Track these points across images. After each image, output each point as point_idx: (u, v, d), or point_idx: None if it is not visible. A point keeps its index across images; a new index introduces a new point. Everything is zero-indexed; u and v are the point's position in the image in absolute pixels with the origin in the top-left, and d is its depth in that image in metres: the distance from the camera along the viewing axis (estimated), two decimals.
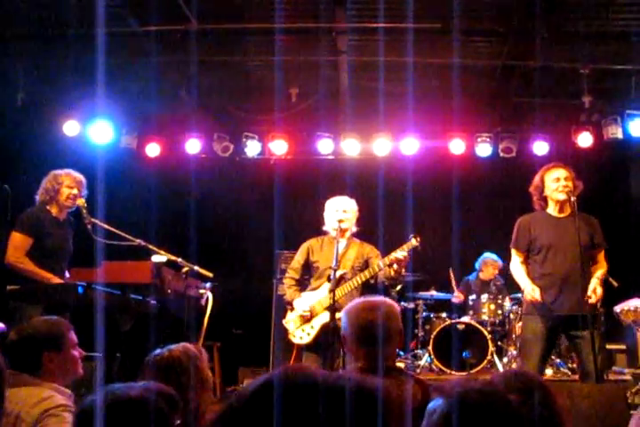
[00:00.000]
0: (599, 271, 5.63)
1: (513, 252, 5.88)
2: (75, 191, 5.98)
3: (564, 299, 5.50)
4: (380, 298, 3.45)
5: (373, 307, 3.24)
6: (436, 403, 1.64)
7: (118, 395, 2.05)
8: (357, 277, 5.92)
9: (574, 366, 8.10)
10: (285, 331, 6.20)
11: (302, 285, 6.32)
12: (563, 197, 5.62)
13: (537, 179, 5.80)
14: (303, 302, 6.07)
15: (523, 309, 6.08)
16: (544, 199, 5.79)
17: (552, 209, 5.77)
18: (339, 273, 5.83)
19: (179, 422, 2.29)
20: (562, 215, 5.73)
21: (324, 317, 5.84)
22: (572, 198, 5.55)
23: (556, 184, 5.66)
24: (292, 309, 6.13)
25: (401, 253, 5.68)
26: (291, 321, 6.11)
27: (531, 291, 5.51)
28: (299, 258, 6.33)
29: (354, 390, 1.25)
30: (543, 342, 5.51)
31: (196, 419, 2.94)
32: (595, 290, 5.41)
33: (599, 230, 5.70)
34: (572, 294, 5.47)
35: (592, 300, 5.37)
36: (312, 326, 5.97)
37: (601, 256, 5.73)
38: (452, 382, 1.67)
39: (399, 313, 3.39)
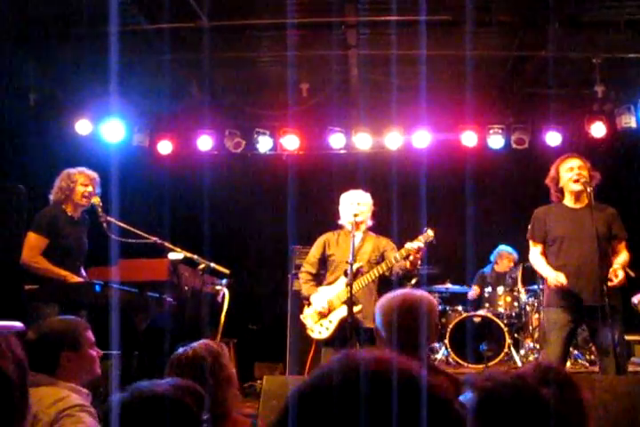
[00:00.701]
0: (621, 257, 5.55)
1: (530, 243, 5.84)
2: (89, 189, 5.99)
3: (582, 290, 5.45)
4: (418, 293, 3.26)
5: (411, 307, 3.09)
6: (466, 397, 1.62)
7: (145, 392, 2.05)
8: (374, 270, 5.90)
9: (592, 357, 8.06)
10: (303, 326, 6.18)
11: (318, 279, 6.30)
12: (577, 187, 5.57)
13: (552, 170, 5.75)
14: (320, 297, 6.05)
15: (543, 300, 6.04)
16: (560, 191, 5.74)
17: (568, 200, 5.72)
18: (356, 266, 5.82)
19: (206, 417, 2.28)
20: (578, 206, 5.67)
21: (342, 311, 5.81)
22: (589, 189, 5.50)
23: (570, 174, 5.61)
24: (309, 304, 6.11)
25: (417, 244, 5.66)
26: (308, 316, 6.09)
27: (555, 277, 5.42)
28: (315, 252, 6.31)
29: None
30: (564, 333, 5.46)
31: (223, 416, 2.94)
32: (615, 273, 5.31)
33: (618, 221, 5.63)
34: (589, 284, 5.42)
35: (613, 282, 5.28)
36: (330, 321, 5.96)
37: (621, 247, 5.64)
38: (482, 375, 1.65)
39: (436, 308, 3.27)
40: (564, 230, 5.62)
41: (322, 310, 5.98)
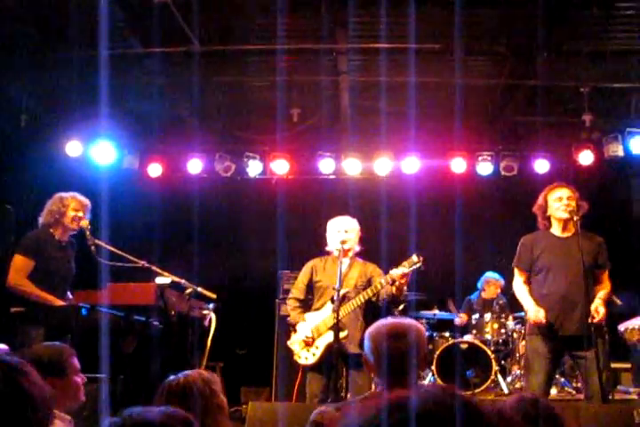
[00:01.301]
0: (602, 292, 5.60)
1: (515, 271, 5.87)
2: (80, 214, 5.98)
3: (567, 320, 5.48)
4: (407, 321, 3.27)
5: (402, 329, 3.11)
6: None
7: (136, 418, 2.04)
8: (360, 295, 5.89)
9: (579, 385, 8.04)
10: (290, 351, 6.15)
11: (306, 304, 6.29)
12: (565, 215, 5.61)
13: (540, 199, 5.79)
14: (306, 325, 6.04)
15: (526, 329, 6.06)
16: (547, 219, 5.77)
17: (556, 229, 5.75)
18: (342, 292, 5.82)
19: None
20: (565, 235, 5.71)
21: (329, 336, 5.79)
22: (575, 218, 5.54)
23: (558, 204, 5.65)
24: (296, 331, 6.11)
25: (402, 270, 5.67)
26: (295, 342, 6.08)
27: (535, 312, 5.49)
28: (302, 278, 6.30)
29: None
30: (547, 361, 5.49)
31: None
32: (597, 309, 5.36)
33: (604, 250, 5.67)
34: (574, 314, 5.46)
35: (595, 319, 5.32)
36: (317, 347, 5.94)
37: (604, 276, 5.70)
38: None
39: (425, 337, 3.28)
40: (551, 260, 5.64)
41: (306, 340, 5.98)
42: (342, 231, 6.12)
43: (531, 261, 5.72)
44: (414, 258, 5.74)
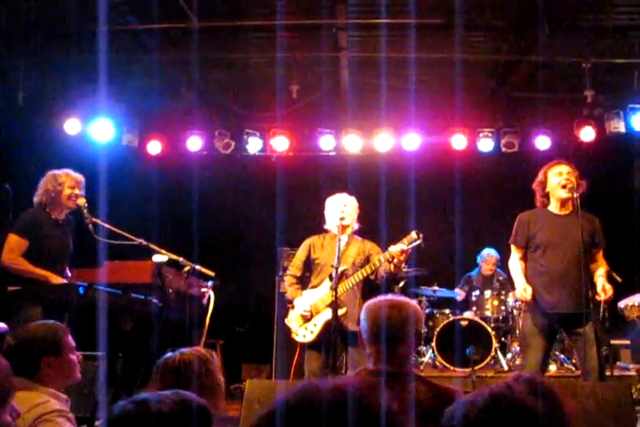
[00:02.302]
0: (601, 269, 5.62)
1: (512, 248, 5.89)
2: (77, 191, 5.95)
3: (563, 297, 5.49)
4: (405, 298, 3.30)
5: (395, 305, 3.13)
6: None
7: (153, 411, 1.96)
8: (359, 272, 5.89)
9: None
10: (288, 329, 6.18)
11: (303, 282, 6.30)
12: (565, 195, 5.60)
13: (540, 175, 5.78)
14: (304, 300, 6.04)
15: (523, 305, 6.07)
16: (546, 196, 5.76)
17: (554, 206, 5.74)
18: (340, 270, 5.81)
19: None
20: (563, 213, 5.71)
21: (327, 314, 5.79)
22: (575, 195, 5.52)
23: (558, 178, 5.63)
24: (294, 307, 6.11)
25: (401, 247, 5.64)
26: (293, 320, 6.08)
27: (522, 291, 5.54)
28: (300, 255, 6.30)
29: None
30: (543, 338, 5.52)
31: None
32: (604, 288, 5.38)
33: (600, 230, 5.68)
34: (571, 291, 5.46)
35: (603, 297, 5.34)
36: (315, 324, 5.95)
37: (600, 255, 5.72)
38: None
39: (422, 316, 3.29)
40: (549, 237, 5.64)
41: (305, 314, 5.98)
42: (341, 206, 6.10)
43: (527, 238, 5.72)
44: (413, 235, 5.72)
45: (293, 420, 1.23)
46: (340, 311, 5.69)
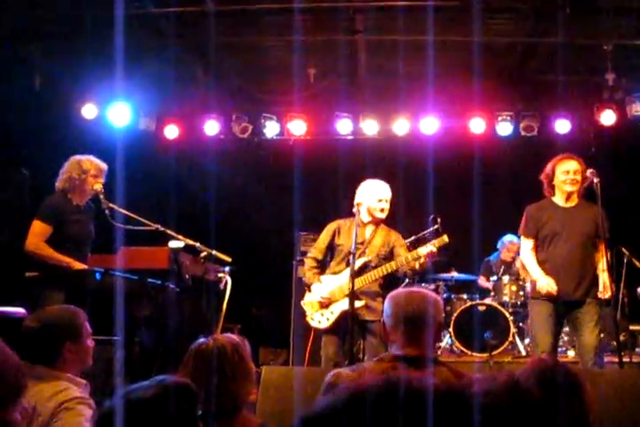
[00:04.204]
0: (603, 262, 5.69)
1: (522, 238, 5.99)
2: (100, 180, 5.94)
3: (567, 286, 5.62)
4: (424, 289, 3.40)
5: (420, 296, 3.17)
6: None
7: (134, 398, 2.01)
8: (383, 267, 5.76)
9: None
10: (305, 313, 6.12)
11: (323, 266, 6.15)
12: (570, 189, 5.75)
13: (548, 167, 5.88)
14: (322, 287, 5.94)
15: (529, 292, 6.13)
16: (552, 187, 5.88)
17: (559, 198, 5.86)
18: (364, 260, 5.77)
19: (200, 412, 2.26)
20: (568, 205, 5.84)
21: (344, 303, 5.69)
22: (583, 187, 5.72)
23: (565, 177, 5.75)
24: (311, 291, 6.02)
25: (430, 248, 5.61)
26: (309, 304, 6.01)
27: (545, 285, 5.60)
28: (323, 238, 6.12)
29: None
30: (551, 324, 5.63)
31: (232, 412, 2.90)
32: (605, 286, 5.56)
33: (604, 221, 5.69)
34: (574, 280, 5.62)
35: (607, 295, 5.54)
36: (332, 312, 5.87)
37: (602, 246, 5.75)
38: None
39: (442, 307, 3.33)
40: (555, 228, 5.76)
41: (322, 301, 5.91)
42: (384, 201, 5.99)
43: (537, 229, 5.83)
44: (445, 238, 5.68)
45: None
46: (359, 304, 5.61)
